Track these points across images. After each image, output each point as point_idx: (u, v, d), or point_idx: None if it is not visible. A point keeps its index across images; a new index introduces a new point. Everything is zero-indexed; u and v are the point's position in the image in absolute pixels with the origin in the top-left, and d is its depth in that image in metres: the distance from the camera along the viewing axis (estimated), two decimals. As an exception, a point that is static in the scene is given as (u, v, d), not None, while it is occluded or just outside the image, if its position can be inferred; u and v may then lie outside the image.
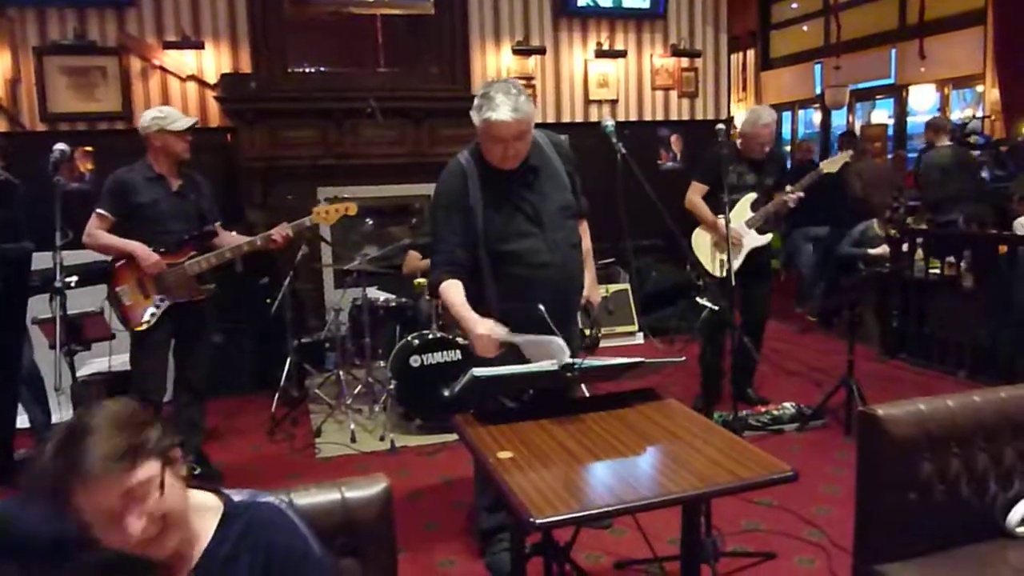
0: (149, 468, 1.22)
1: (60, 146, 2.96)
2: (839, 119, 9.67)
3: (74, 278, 3.15)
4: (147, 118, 3.48)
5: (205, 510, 1.36)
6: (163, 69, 5.79)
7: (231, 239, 3.66)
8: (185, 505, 1.29)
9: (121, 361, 3.92)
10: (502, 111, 2.38)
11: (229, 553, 1.33)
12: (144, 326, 3.43)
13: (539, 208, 2.57)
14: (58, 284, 2.73)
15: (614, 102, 6.90)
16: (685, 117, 7.17)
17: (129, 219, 3.46)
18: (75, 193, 5.07)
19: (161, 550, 1.25)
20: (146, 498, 1.21)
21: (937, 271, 5.31)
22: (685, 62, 7.06)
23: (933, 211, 6.08)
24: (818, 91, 9.68)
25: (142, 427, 1.25)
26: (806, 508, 3.21)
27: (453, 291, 2.47)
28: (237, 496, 1.39)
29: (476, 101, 2.45)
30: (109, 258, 3.50)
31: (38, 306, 3.68)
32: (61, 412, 3.99)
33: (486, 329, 2.28)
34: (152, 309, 3.44)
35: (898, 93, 8.67)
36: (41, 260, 3.54)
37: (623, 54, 6.87)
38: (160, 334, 3.49)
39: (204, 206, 3.65)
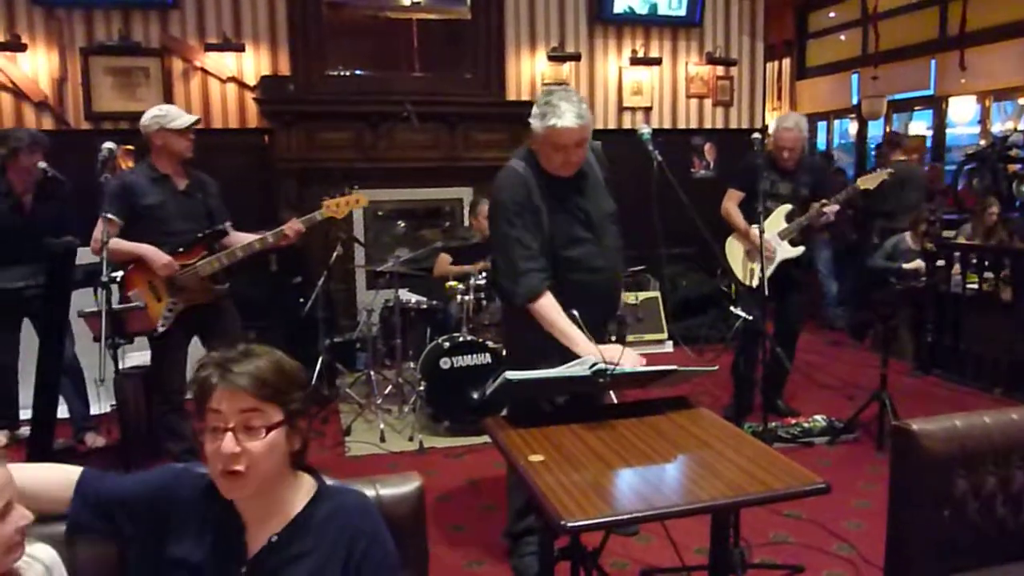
0: (272, 412, 1.35)
1: (108, 145, 3.01)
2: (876, 130, 9.54)
3: (120, 272, 3.22)
4: (147, 117, 3.42)
5: (300, 486, 1.44)
6: (204, 71, 5.90)
7: (242, 238, 3.58)
8: (272, 469, 1.36)
9: (142, 358, 3.98)
10: (567, 118, 2.41)
11: (315, 528, 1.40)
12: (159, 330, 3.40)
13: (591, 214, 2.62)
14: (104, 278, 2.79)
15: (648, 109, 6.90)
16: (719, 125, 7.14)
17: (136, 221, 3.39)
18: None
19: (238, 487, 1.34)
20: (253, 432, 1.32)
21: (974, 285, 5.23)
22: (720, 70, 7.04)
23: (887, 219, 6.47)
24: (855, 101, 9.56)
25: (293, 383, 1.39)
26: (836, 522, 3.18)
27: (555, 307, 2.45)
28: (330, 481, 1.48)
29: (537, 108, 2.48)
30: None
31: (80, 300, 3.77)
32: (100, 403, 4.09)
33: (616, 350, 2.28)
34: (165, 312, 3.40)
35: (937, 104, 8.54)
36: (83, 255, 3.63)
37: (658, 62, 6.87)
38: (176, 336, 3.46)
39: (212, 205, 3.58)
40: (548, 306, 2.46)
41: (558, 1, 6.60)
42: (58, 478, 1.43)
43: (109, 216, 3.31)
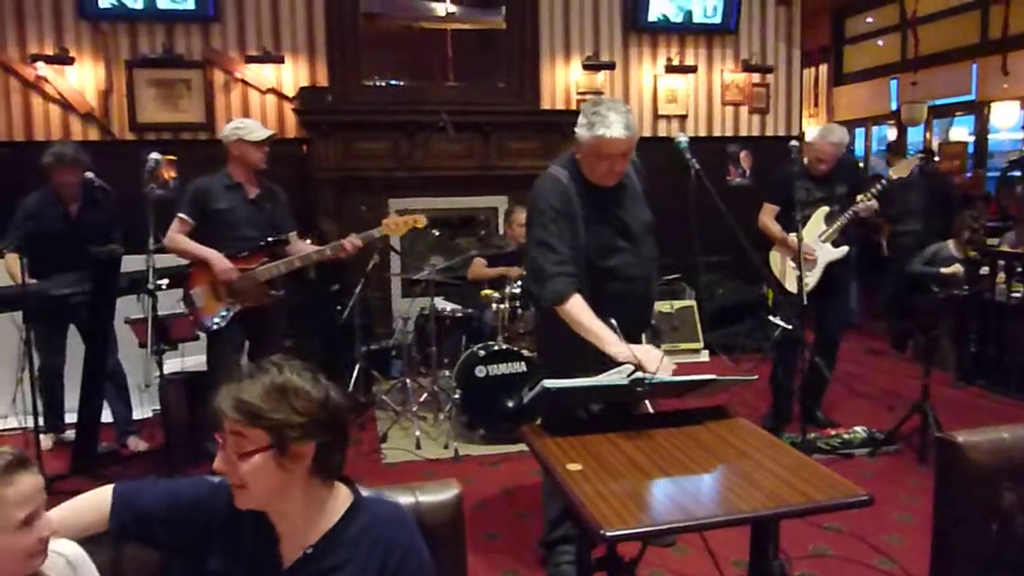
0: (256, 436, 1.31)
1: (154, 155, 3.12)
2: (915, 136, 9.39)
3: (165, 280, 3.31)
4: (228, 129, 3.71)
5: (335, 498, 1.43)
6: (244, 82, 6.01)
7: (303, 248, 3.80)
8: (271, 487, 1.34)
9: (197, 362, 4.08)
10: (616, 128, 2.43)
11: (350, 540, 1.40)
12: (213, 327, 3.61)
13: (629, 225, 2.63)
14: (150, 286, 2.86)
15: (683, 117, 6.87)
16: (755, 133, 7.08)
17: (207, 223, 3.64)
18: (159, 200, 5.28)
19: (241, 500, 1.36)
20: (237, 449, 1.32)
21: (1018, 294, 5.11)
22: (756, 77, 6.98)
23: (894, 223, 6.57)
24: (894, 107, 9.42)
25: (290, 408, 1.32)
26: (877, 536, 3.12)
27: (584, 309, 2.46)
28: (365, 492, 1.48)
29: (585, 118, 2.50)
30: (186, 261, 3.69)
31: (126, 307, 3.87)
32: (143, 408, 4.18)
33: (647, 350, 2.33)
34: (222, 312, 3.61)
35: (979, 110, 8.38)
36: (128, 263, 3.72)
37: (693, 69, 6.83)
38: (232, 335, 3.65)
39: (278, 216, 3.81)
40: (577, 307, 2.46)
41: (592, 10, 6.61)
42: (91, 506, 1.45)
43: (182, 216, 3.63)
